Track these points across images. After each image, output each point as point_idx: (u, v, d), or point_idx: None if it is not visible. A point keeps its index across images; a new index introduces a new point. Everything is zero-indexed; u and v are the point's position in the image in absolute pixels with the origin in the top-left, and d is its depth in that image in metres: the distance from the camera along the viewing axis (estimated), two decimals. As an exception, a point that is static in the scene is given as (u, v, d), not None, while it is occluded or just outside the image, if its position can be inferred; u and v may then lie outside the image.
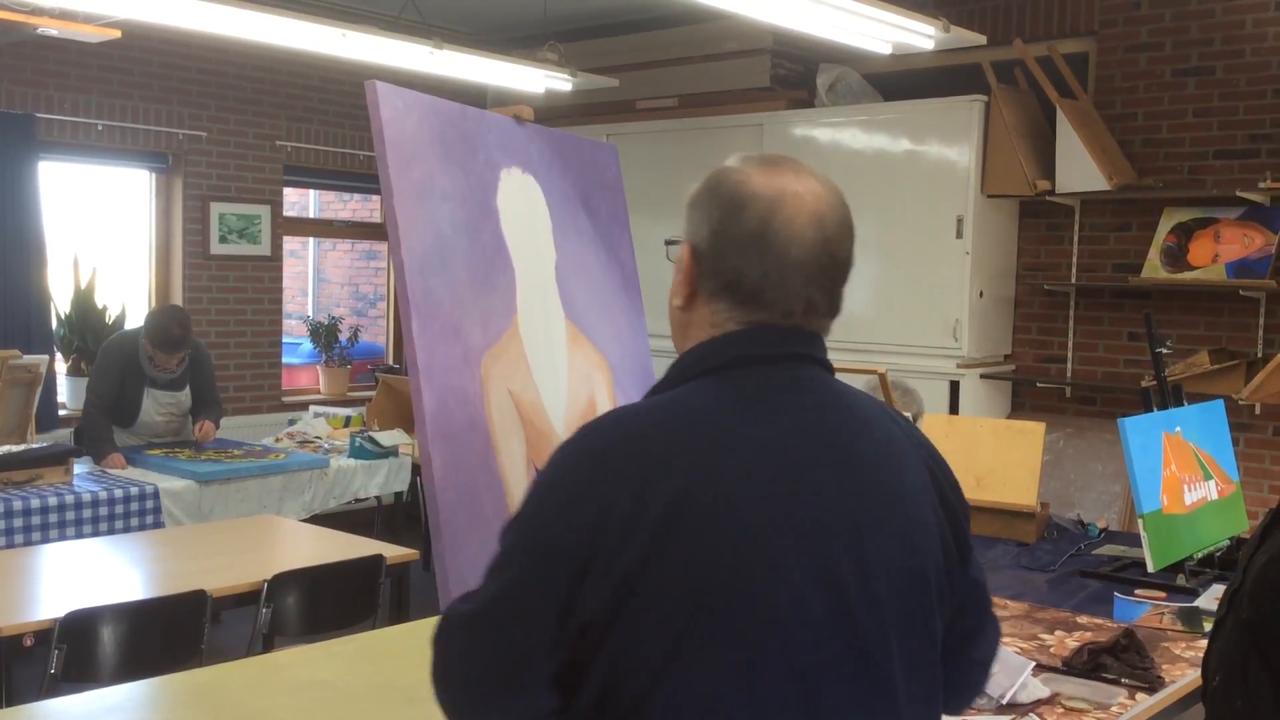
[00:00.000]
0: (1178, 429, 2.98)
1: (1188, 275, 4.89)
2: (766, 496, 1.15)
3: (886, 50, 4.31)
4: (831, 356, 1.30)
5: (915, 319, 5.43)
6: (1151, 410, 3.09)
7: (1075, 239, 5.32)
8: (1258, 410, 4.73)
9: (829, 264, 1.23)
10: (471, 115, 1.75)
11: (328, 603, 3.39)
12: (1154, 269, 4.97)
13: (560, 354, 1.96)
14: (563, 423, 1.93)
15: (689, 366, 1.25)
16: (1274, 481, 4.79)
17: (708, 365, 1.23)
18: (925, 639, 1.24)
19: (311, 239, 9.83)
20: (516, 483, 1.75)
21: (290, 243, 7.63)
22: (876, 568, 1.18)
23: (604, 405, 2.08)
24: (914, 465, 1.26)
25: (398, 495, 5.78)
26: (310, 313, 9.21)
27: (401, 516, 6.03)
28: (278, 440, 5.60)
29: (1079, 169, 4.98)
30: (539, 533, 1.17)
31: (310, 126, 6.76)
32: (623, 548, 1.11)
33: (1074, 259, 5.33)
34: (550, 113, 6.41)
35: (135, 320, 5.74)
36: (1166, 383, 3.17)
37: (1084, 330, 5.35)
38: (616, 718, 1.15)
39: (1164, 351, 3.16)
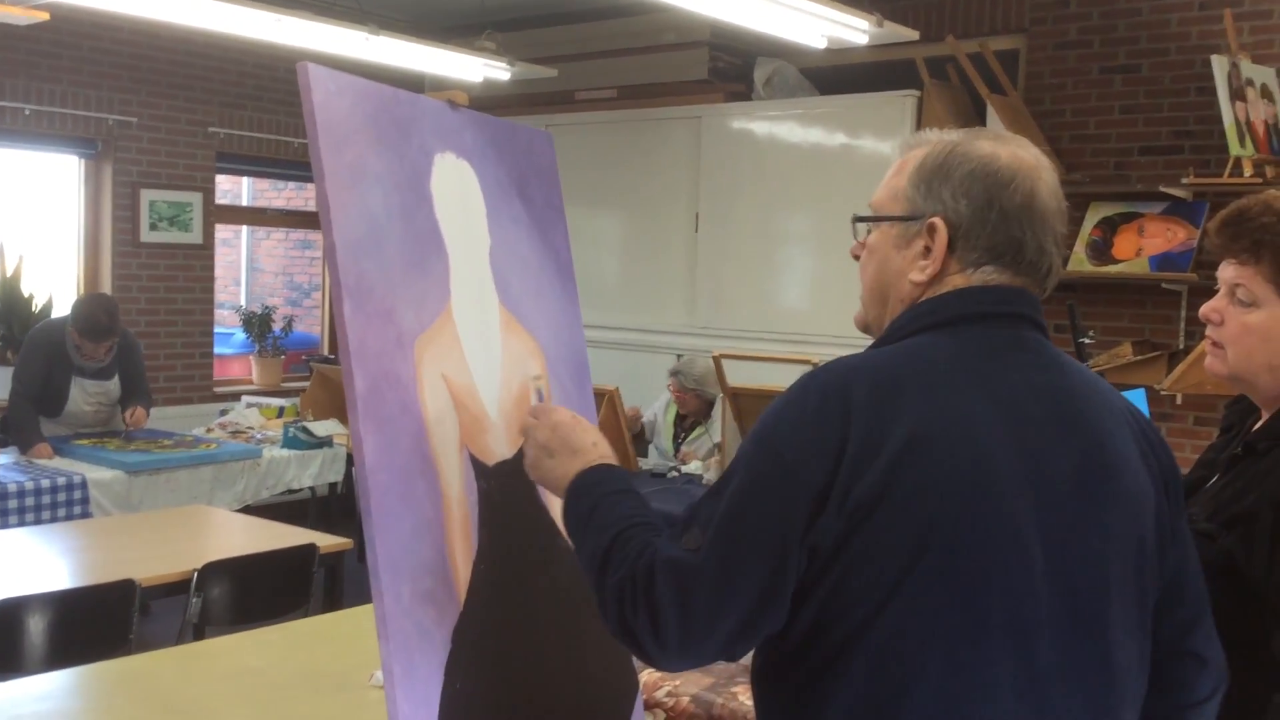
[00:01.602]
0: (1100, 417, 3.05)
1: (1112, 268, 5.01)
2: (996, 445, 1.18)
3: (821, 44, 4.36)
4: (766, 347, 1.32)
5: (851, 310, 5.47)
6: (1075, 399, 3.16)
7: (1005, 233, 5.41)
8: (1179, 400, 4.85)
9: (1064, 231, 1.32)
10: (405, 99, 1.75)
11: (259, 592, 3.37)
12: (1080, 262, 5.08)
13: (494, 339, 1.97)
14: (497, 407, 1.94)
15: (921, 317, 1.28)
16: (1194, 470, 4.92)
17: (940, 318, 1.27)
18: (1140, 608, 1.26)
19: (244, 227, 9.70)
20: (449, 466, 1.75)
21: (223, 231, 7.54)
22: (1095, 529, 1.21)
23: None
24: (1130, 436, 1.28)
25: (332, 486, 5.74)
26: (243, 302, 9.10)
27: (336, 507, 5.99)
28: (209, 431, 5.54)
29: (1009, 164, 5.06)
30: (783, 455, 1.19)
31: (244, 113, 6.67)
32: (860, 478, 1.14)
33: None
34: (489, 102, 6.39)
35: (63, 309, 5.63)
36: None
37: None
38: (824, 656, 1.17)
39: (1086, 342, 3.24)
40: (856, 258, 1.40)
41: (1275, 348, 1.61)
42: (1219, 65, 4.47)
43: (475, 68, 5.20)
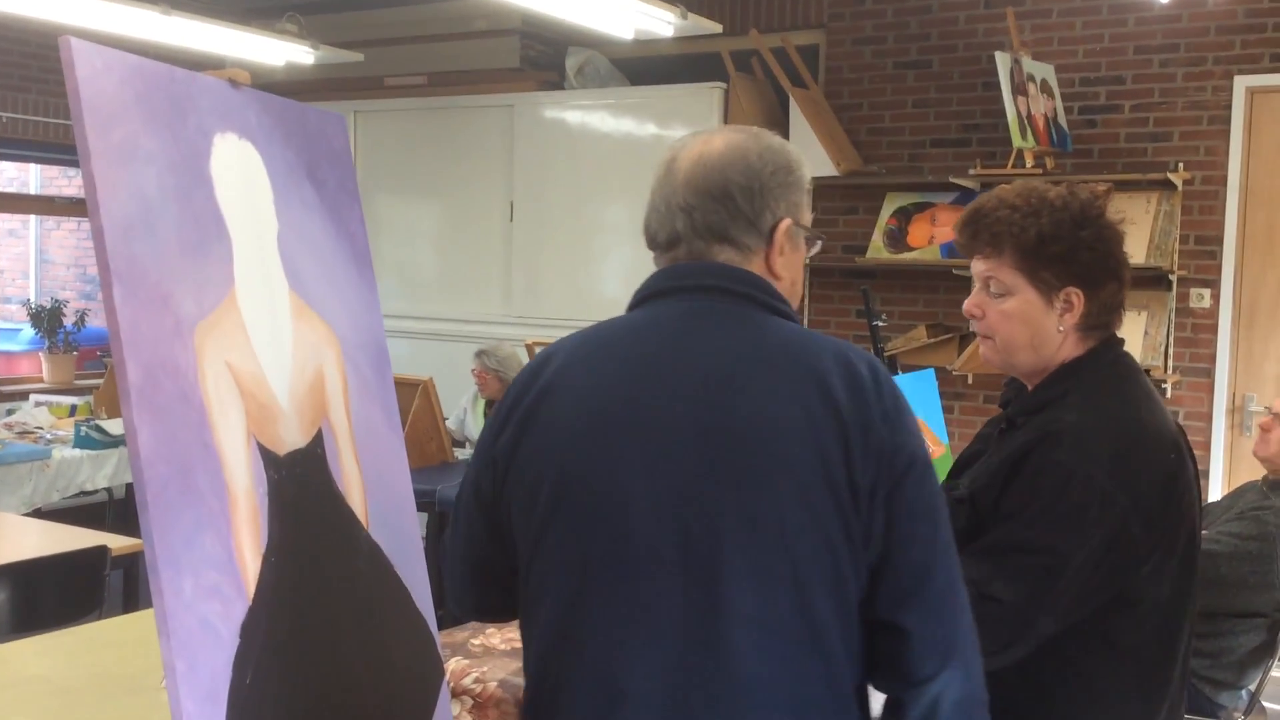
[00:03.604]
0: (892, 396, 3.19)
1: (907, 256, 5.23)
2: (613, 400, 1.33)
3: (629, 35, 4.42)
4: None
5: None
6: (869, 379, 3.29)
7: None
8: (970, 380, 5.11)
9: (694, 190, 1.39)
10: (180, 78, 1.69)
11: (46, 597, 3.20)
12: (877, 250, 5.29)
13: (284, 326, 1.92)
14: (288, 395, 1.89)
15: (634, 296, 1.44)
16: (985, 446, 5.20)
17: (635, 300, 1.43)
18: (784, 571, 1.25)
19: (33, 217, 9.14)
20: (235, 456, 1.70)
21: (8, 221, 7.10)
22: (716, 485, 1.27)
23: (333, 379, 2.05)
24: (800, 401, 1.28)
25: (129, 486, 5.48)
26: (32, 296, 8.59)
27: (134, 508, 5.72)
28: (-7, 431, 5.22)
29: (811, 155, 5.23)
30: (487, 425, 1.46)
31: (28, 96, 6.30)
32: (501, 433, 1.39)
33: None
34: (294, 87, 6.21)
35: None
36: (882, 354, 3.38)
37: (818, 308, 5.64)
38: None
39: (879, 325, 3.38)
40: None
41: (1035, 328, 1.72)
42: (1002, 61, 4.72)
43: (278, 50, 5.04)
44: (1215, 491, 4.78)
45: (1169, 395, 4.89)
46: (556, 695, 1.33)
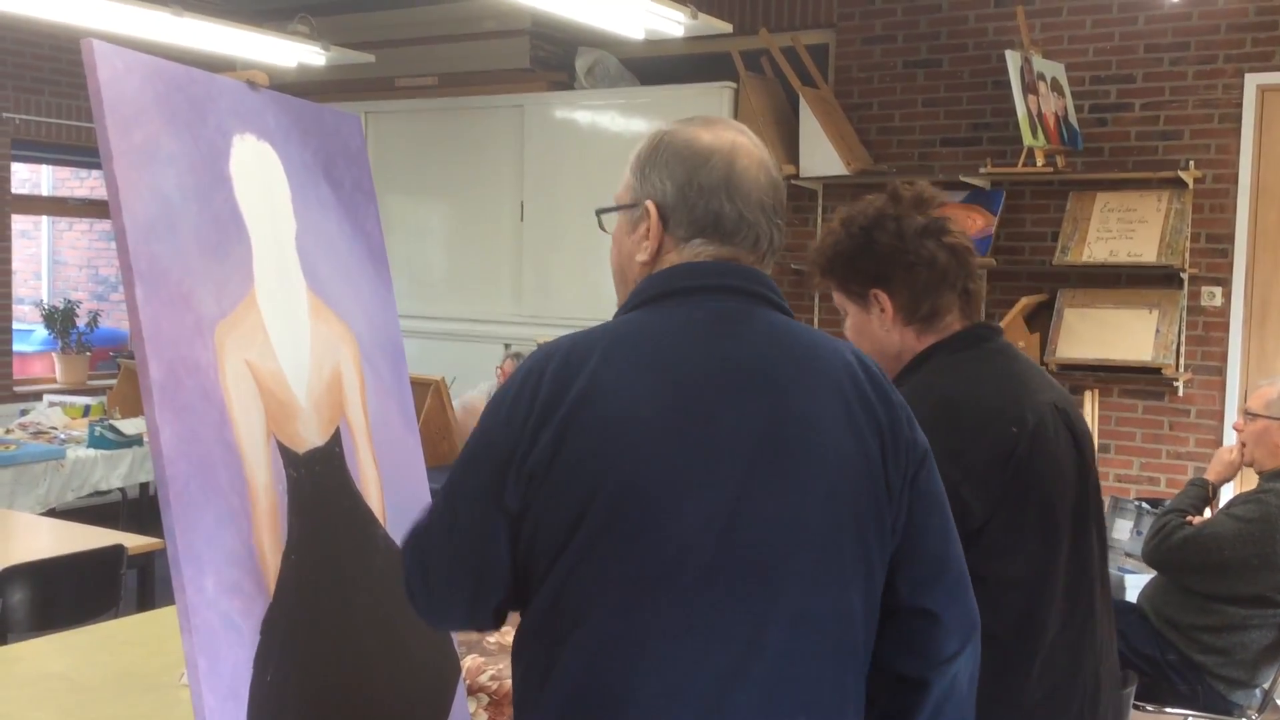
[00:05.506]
0: (904, 394, 3.21)
1: (919, 254, 5.22)
2: (662, 410, 1.27)
3: (640, 35, 4.43)
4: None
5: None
6: (881, 378, 3.31)
7: (819, 221, 5.60)
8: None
9: (777, 204, 1.41)
10: (199, 79, 1.70)
11: (64, 596, 3.22)
12: (889, 249, 5.28)
13: (303, 325, 1.93)
14: (306, 393, 1.91)
15: (643, 290, 1.37)
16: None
17: (650, 295, 1.36)
18: (843, 560, 1.28)
19: (45, 218, 9.19)
20: (255, 454, 1.72)
21: (20, 222, 7.15)
22: (773, 487, 1.27)
23: (351, 377, 2.07)
24: (836, 402, 1.31)
25: (144, 486, 5.51)
26: (45, 297, 8.63)
27: (148, 508, 5.75)
28: (8, 431, 5.25)
29: (821, 155, 5.24)
30: (480, 440, 1.33)
31: (41, 98, 6.33)
32: (536, 441, 1.27)
33: (818, 240, 5.60)
34: (305, 88, 6.23)
35: None
36: (894, 352, 3.39)
37: (828, 307, 5.62)
38: (528, 596, 1.31)
39: (891, 323, 3.39)
40: None
41: (870, 336, 1.92)
42: (1012, 60, 4.72)
43: (289, 52, 5.06)
44: (1229, 491, 4.77)
45: (1180, 394, 4.89)
46: (616, 706, 1.26)
